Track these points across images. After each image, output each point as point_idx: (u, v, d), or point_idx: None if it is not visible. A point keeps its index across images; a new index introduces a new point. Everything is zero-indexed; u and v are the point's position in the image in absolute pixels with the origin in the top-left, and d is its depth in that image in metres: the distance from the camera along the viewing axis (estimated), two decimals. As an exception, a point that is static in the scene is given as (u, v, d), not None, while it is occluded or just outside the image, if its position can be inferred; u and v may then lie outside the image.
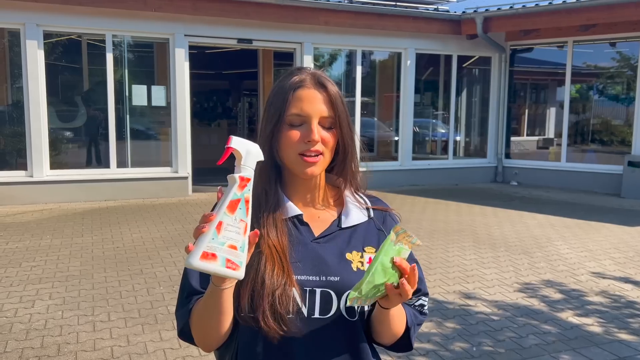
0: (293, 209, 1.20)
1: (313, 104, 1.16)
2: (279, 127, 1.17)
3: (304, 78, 1.18)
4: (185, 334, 1.19)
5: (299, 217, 1.20)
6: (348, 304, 1.04)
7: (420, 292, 1.30)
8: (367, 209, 1.26)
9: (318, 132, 1.15)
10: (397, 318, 1.19)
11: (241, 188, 1.00)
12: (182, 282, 1.21)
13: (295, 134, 1.16)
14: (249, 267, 1.09)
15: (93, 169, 8.50)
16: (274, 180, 1.21)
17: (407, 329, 1.24)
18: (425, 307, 1.33)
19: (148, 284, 4.50)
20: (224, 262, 0.97)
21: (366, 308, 1.20)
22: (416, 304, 1.30)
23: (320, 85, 1.17)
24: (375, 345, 1.28)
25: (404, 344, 1.27)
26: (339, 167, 1.25)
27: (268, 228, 1.16)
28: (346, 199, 1.25)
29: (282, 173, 1.23)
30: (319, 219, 1.22)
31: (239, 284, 1.10)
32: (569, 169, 10.33)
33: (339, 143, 1.19)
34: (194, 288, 1.17)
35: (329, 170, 1.26)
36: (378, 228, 1.25)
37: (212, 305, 1.09)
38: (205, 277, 1.16)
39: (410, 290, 1.04)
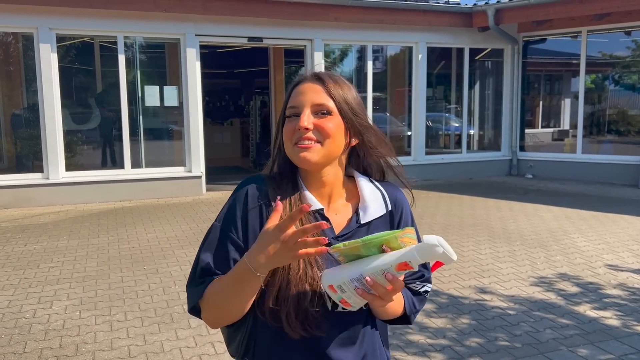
0: (315, 203, 1.20)
1: (306, 94, 1.18)
2: (283, 124, 1.22)
3: (306, 75, 1.22)
4: (195, 311, 1.21)
5: (320, 212, 1.20)
6: (331, 251, 1.07)
7: (423, 277, 1.32)
8: (385, 201, 1.25)
9: (308, 119, 1.15)
10: (391, 307, 1.22)
11: (399, 268, 1.02)
12: (196, 259, 1.22)
13: (290, 125, 1.18)
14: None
15: (108, 169, 8.58)
16: (294, 175, 1.23)
17: (407, 316, 1.28)
18: (428, 293, 1.36)
19: (164, 283, 4.53)
20: (339, 299, 1.08)
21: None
22: (421, 290, 1.32)
23: (318, 78, 1.20)
24: (383, 337, 1.32)
25: (401, 322, 1.32)
26: (355, 157, 1.27)
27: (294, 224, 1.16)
28: (363, 192, 1.24)
29: (299, 170, 1.24)
30: (337, 215, 1.23)
31: (267, 283, 1.13)
32: (585, 160, 10.20)
33: (349, 133, 1.20)
34: (209, 268, 1.18)
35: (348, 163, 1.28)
36: (393, 222, 1.26)
37: (239, 287, 1.10)
38: (220, 259, 1.18)
39: (384, 298, 1.06)
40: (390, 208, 1.25)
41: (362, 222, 1.22)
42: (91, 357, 3.26)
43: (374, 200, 1.24)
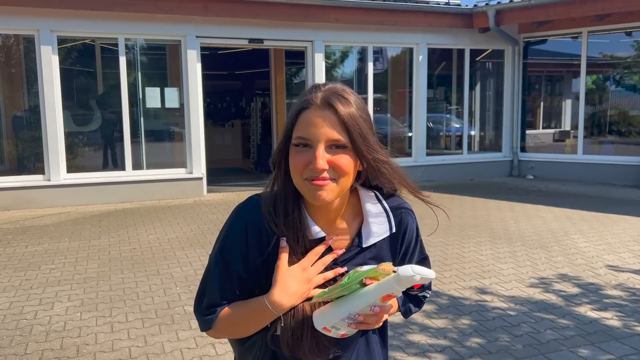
0: (317, 231, 1.17)
1: (318, 127, 1.08)
2: (288, 150, 1.14)
3: (313, 98, 1.10)
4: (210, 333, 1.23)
5: (322, 240, 1.18)
6: (313, 300, 1.12)
7: (422, 287, 1.34)
8: (389, 222, 1.21)
9: (323, 158, 1.07)
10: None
11: (383, 299, 1.06)
12: (202, 287, 1.21)
13: (300, 158, 1.09)
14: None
15: (109, 171, 8.60)
16: (296, 201, 1.17)
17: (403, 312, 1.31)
18: (426, 298, 1.37)
19: (165, 285, 4.54)
20: (335, 336, 1.12)
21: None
22: (419, 294, 1.35)
23: (329, 105, 1.09)
24: (385, 338, 1.34)
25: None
26: (365, 182, 1.22)
27: (300, 259, 1.16)
28: (366, 214, 1.20)
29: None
30: (338, 236, 1.19)
31: (281, 322, 1.14)
32: (586, 161, 10.19)
33: (362, 163, 1.13)
34: (216, 300, 1.18)
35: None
36: (395, 244, 1.24)
37: (256, 322, 1.14)
38: (226, 291, 1.18)
39: (370, 324, 1.11)
40: (394, 230, 1.22)
41: (363, 245, 1.19)
42: (92, 358, 3.26)
43: (377, 223, 1.20)
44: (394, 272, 1.03)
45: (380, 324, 1.13)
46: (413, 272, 1.01)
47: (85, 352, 3.35)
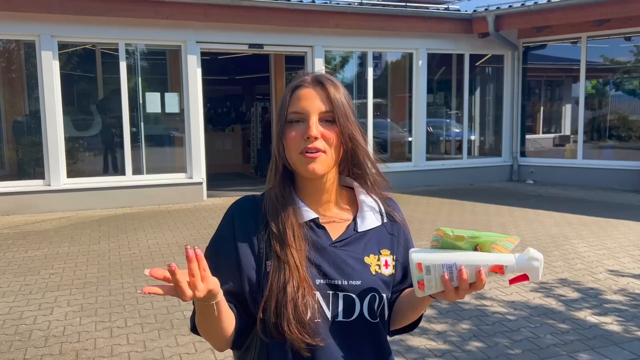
0: (309, 213, 1.20)
1: (310, 100, 1.17)
2: (283, 128, 1.19)
3: (304, 78, 1.21)
4: (196, 331, 1.21)
5: (315, 221, 1.21)
6: (434, 233, 1.10)
7: None
8: (381, 213, 1.27)
9: (317, 128, 1.15)
10: (419, 309, 1.26)
11: (492, 270, 1.07)
12: None
13: (296, 132, 1.16)
14: (272, 279, 1.13)
15: (109, 176, 8.60)
16: (288, 186, 1.22)
17: (416, 321, 1.33)
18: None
19: (164, 290, 4.53)
20: (418, 280, 1.09)
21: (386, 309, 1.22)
22: None
23: (319, 83, 1.19)
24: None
25: (413, 326, 1.35)
26: (347, 165, 1.26)
27: (286, 237, 1.17)
28: (361, 203, 1.26)
29: (295, 177, 1.23)
30: (334, 222, 1.23)
31: (266, 298, 1.13)
32: (586, 166, 10.20)
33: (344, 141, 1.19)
34: None
35: (341, 171, 1.27)
36: (390, 233, 1.27)
37: (208, 317, 1.09)
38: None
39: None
40: (385, 219, 1.28)
41: (359, 230, 1.23)
42: (91, 363, 3.26)
43: (370, 211, 1.25)
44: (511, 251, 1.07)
45: (457, 299, 1.11)
46: (539, 259, 1.03)
47: (84, 357, 3.34)
